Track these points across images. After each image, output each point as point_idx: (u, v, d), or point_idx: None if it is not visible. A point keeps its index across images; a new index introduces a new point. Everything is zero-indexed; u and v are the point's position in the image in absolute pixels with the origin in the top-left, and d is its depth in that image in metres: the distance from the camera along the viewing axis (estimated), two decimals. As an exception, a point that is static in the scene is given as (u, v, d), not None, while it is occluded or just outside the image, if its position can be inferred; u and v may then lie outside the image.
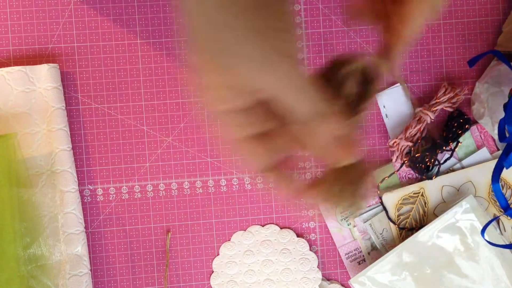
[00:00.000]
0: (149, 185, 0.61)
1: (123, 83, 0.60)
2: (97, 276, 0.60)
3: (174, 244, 0.61)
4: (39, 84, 0.58)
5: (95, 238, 0.60)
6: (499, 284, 0.59)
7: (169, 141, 0.61)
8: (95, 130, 0.60)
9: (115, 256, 0.60)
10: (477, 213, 0.59)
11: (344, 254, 0.62)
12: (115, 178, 0.60)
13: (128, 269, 0.61)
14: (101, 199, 0.60)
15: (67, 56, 0.60)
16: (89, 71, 0.60)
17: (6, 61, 0.59)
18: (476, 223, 0.59)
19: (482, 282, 0.59)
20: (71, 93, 0.60)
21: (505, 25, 0.60)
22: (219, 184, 0.61)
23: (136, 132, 0.60)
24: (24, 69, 0.58)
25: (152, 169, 0.61)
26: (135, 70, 0.60)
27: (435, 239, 0.59)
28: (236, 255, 0.61)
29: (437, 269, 0.59)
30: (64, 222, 0.58)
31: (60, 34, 0.60)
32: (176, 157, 0.61)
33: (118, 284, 0.61)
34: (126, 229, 0.61)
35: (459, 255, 0.59)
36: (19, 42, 0.59)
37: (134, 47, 0.60)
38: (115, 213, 0.60)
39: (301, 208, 0.62)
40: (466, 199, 0.59)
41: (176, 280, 0.61)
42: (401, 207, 0.61)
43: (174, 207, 0.61)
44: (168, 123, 0.60)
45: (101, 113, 0.60)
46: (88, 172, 0.60)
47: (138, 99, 0.60)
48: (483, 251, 0.59)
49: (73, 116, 0.60)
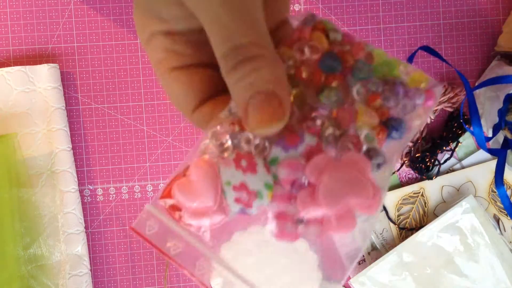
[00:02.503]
0: (149, 185, 0.61)
1: (123, 83, 0.60)
2: (97, 276, 0.60)
3: (174, 244, 0.61)
4: (39, 84, 0.58)
5: (95, 238, 0.60)
6: (499, 284, 0.59)
7: (169, 141, 0.61)
8: (95, 130, 0.60)
9: (115, 256, 0.60)
10: (477, 213, 0.59)
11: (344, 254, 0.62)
12: (115, 178, 0.60)
13: (128, 269, 0.61)
14: (101, 199, 0.60)
15: (67, 56, 0.60)
16: (89, 71, 0.60)
17: (6, 61, 0.59)
18: (476, 223, 0.59)
19: (482, 282, 0.59)
20: (71, 93, 0.60)
21: (505, 25, 0.60)
22: (219, 184, 0.61)
23: (136, 132, 0.60)
24: (24, 69, 0.58)
25: (152, 169, 0.61)
26: (135, 70, 0.60)
27: (435, 239, 0.59)
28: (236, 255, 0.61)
29: (437, 269, 0.59)
30: (64, 222, 0.58)
31: (60, 34, 0.60)
32: (176, 157, 0.61)
33: (118, 284, 0.61)
34: (126, 229, 0.61)
35: (459, 255, 0.59)
36: (19, 42, 0.59)
37: (134, 47, 0.60)
38: (115, 213, 0.60)
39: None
40: (466, 199, 0.59)
41: (176, 280, 0.61)
42: (401, 207, 0.61)
43: (174, 207, 0.61)
44: (168, 123, 0.60)
45: (101, 113, 0.60)
46: (88, 172, 0.60)
47: (138, 99, 0.60)
48: (483, 251, 0.59)
49: (73, 116, 0.60)
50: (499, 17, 0.62)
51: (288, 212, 0.26)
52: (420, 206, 0.61)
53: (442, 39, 0.62)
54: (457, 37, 0.62)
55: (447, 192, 0.61)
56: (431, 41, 0.62)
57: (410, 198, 0.61)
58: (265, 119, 0.24)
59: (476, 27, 0.62)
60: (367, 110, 0.26)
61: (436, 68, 0.62)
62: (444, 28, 0.62)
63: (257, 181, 0.25)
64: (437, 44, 0.62)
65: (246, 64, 0.24)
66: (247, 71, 0.24)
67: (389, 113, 0.26)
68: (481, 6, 0.62)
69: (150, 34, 0.27)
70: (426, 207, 0.62)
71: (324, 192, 0.25)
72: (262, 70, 0.24)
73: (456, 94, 0.60)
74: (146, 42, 0.28)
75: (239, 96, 0.24)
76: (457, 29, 0.62)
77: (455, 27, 0.62)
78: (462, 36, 0.62)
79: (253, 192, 0.25)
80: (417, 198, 0.61)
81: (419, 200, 0.61)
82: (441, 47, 0.62)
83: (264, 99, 0.24)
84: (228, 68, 0.24)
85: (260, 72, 0.24)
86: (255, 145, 0.25)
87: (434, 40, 0.62)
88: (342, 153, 0.25)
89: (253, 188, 0.25)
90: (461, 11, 0.62)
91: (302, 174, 0.25)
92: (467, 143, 0.62)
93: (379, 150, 0.26)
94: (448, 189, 0.61)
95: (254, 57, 0.24)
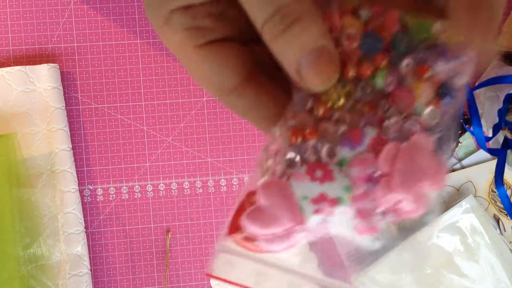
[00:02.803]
0: (149, 185, 0.61)
1: (123, 83, 0.60)
2: (97, 276, 0.60)
3: (174, 244, 0.61)
4: (39, 84, 0.58)
5: (95, 238, 0.60)
6: (499, 284, 0.59)
7: (169, 141, 0.61)
8: (95, 130, 0.60)
9: (115, 256, 0.60)
10: (477, 213, 0.59)
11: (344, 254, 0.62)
12: (115, 178, 0.60)
13: (128, 269, 0.61)
14: (101, 199, 0.60)
15: (67, 56, 0.60)
16: (89, 71, 0.60)
17: (6, 61, 0.59)
18: (476, 223, 0.59)
19: (482, 282, 0.59)
20: (71, 93, 0.60)
21: (505, 25, 0.60)
22: (219, 184, 0.61)
23: (136, 132, 0.60)
24: (24, 69, 0.58)
25: (152, 169, 0.61)
26: (135, 70, 0.60)
27: (435, 239, 0.59)
28: (236, 255, 0.61)
29: (437, 269, 0.59)
30: (64, 222, 0.58)
31: (60, 34, 0.60)
32: (176, 157, 0.61)
33: (118, 284, 0.61)
34: (126, 229, 0.61)
35: (459, 255, 0.60)
36: (19, 42, 0.59)
37: (134, 47, 0.60)
38: (115, 213, 0.60)
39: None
40: (466, 199, 0.59)
41: (176, 280, 0.61)
42: (401, 207, 0.61)
43: (174, 207, 0.61)
44: (168, 123, 0.60)
45: (101, 113, 0.60)
46: (88, 172, 0.60)
47: (138, 99, 0.60)
48: (483, 251, 0.59)
49: (73, 116, 0.60)
50: (499, 17, 0.62)
51: (368, 208, 0.25)
52: (420, 206, 0.61)
53: (442, 39, 0.62)
54: (457, 37, 0.62)
55: (447, 192, 0.61)
56: (431, 41, 0.62)
57: (410, 198, 0.61)
58: (322, 71, 0.23)
59: (476, 27, 0.62)
60: (422, 84, 0.25)
61: (436, 68, 0.62)
62: (444, 28, 0.62)
63: (336, 188, 0.24)
64: (437, 44, 0.62)
65: (295, 25, 0.22)
66: (297, 33, 0.22)
67: (439, 80, 0.25)
68: (481, 6, 0.62)
69: (168, 13, 0.24)
70: (426, 207, 0.62)
71: (400, 178, 0.24)
72: (310, 29, 0.23)
73: (456, 94, 0.60)
74: (162, 25, 0.24)
75: (291, 59, 0.23)
76: (457, 29, 0.62)
77: (455, 27, 0.62)
78: (462, 36, 0.62)
79: (334, 199, 0.24)
80: (417, 198, 0.61)
81: (419, 200, 0.61)
82: (441, 47, 0.62)
83: (318, 55, 0.23)
84: (275, 33, 0.23)
85: (309, 31, 0.23)
86: (325, 152, 0.24)
87: (434, 40, 0.62)
88: (409, 136, 0.24)
89: (333, 196, 0.24)
90: (461, 11, 0.62)
91: (374, 167, 0.24)
92: (467, 143, 0.62)
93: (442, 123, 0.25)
94: (448, 189, 0.61)
95: (300, 17, 0.22)
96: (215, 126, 0.61)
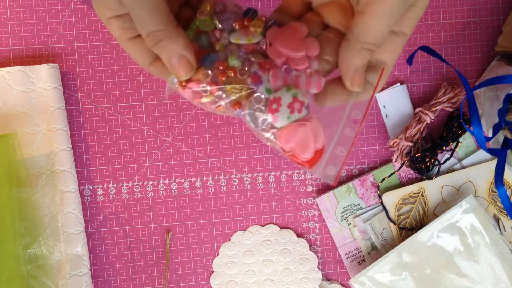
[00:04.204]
0: (149, 185, 0.61)
1: (123, 83, 0.60)
2: (97, 276, 0.60)
3: (174, 244, 0.61)
4: (39, 84, 0.58)
5: (95, 238, 0.60)
6: (499, 284, 0.59)
7: (169, 141, 0.61)
8: (95, 130, 0.60)
9: (115, 256, 0.60)
10: (477, 213, 0.59)
11: (344, 254, 0.62)
12: (115, 178, 0.60)
13: (128, 269, 0.61)
14: (101, 199, 0.60)
15: (67, 56, 0.60)
16: (89, 71, 0.60)
17: (6, 61, 0.59)
18: (476, 223, 0.59)
19: (482, 282, 0.59)
20: (71, 93, 0.60)
21: (505, 25, 0.60)
22: (219, 184, 0.61)
23: (136, 132, 0.60)
24: (24, 69, 0.58)
25: (152, 169, 0.61)
26: (135, 70, 0.60)
27: (435, 239, 0.59)
28: (236, 255, 0.61)
29: (437, 269, 0.59)
30: (64, 222, 0.58)
31: (60, 34, 0.60)
32: (176, 157, 0.61)
33: (118, 284, 0.61)
34: (126, 229, 0.61)
35: (459, 255, 0.59)
36: (19, 42, 0.59)
37: (134, 47, 0.60)
38: (115, 213, 0.61)
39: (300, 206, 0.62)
40: (466, 199, 0.59)
41: (176, 280, 0.61)
42: (401, 207, 0.61)
43: (174, 207, 0.61)
44: (168, 123, 0.60)
45: (101, 113, 0.60)
46: (88, 172, 0.60)
47: (138, 99, 0.60)
48: (483, 251, 0.59)
49: (73, 116, 0.60)
50: (499, 17, 0.62)
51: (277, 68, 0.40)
52: (420, 206, 0.61)
53: (442, 39, 0.62)
54: (457, 37, 0.62)
55: (447, 192, 0.61)
56: (431, 41, 0.62)
57: (410, 198, 0.61)
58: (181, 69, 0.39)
59: (476, 27, 0.62)
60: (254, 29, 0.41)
61: (436, 68, 0.62)
62: (444, 28, 0.62)
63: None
64: (437, 44, 0.62)
65: (159, 44, 0.38)
66: (161, 47, 0.38)
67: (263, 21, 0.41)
68: (481, 6, 0.62)
69: (107, 18, 0.39)
70: (426, 207, 0.62)
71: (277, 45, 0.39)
72: (169, 46, 0.38)
73: (456, 94, 0.60)
74: (106, 24, 0.39)
75: (164, 59, 0.39)
76: (457, 29, 0.62)
77: (455, 27, 0.62)
78: (462, 36, 0.62)
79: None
80: (417, 198, 0.61)
81: (419, 200, 0.61)
82: (441, 47, 0.62)
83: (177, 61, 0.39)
84: (151, 45, 0.38)
85: (168, 47, 0.38)
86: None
87: (434, 40, 0.62)
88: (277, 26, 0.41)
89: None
90: (461, 11, 0.62)
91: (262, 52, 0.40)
92: (467, 143, 0.62)
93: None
94: (448, 189, 0.61)
95: (162, 39, 0.38)
96: (215, 126, 0.61)
